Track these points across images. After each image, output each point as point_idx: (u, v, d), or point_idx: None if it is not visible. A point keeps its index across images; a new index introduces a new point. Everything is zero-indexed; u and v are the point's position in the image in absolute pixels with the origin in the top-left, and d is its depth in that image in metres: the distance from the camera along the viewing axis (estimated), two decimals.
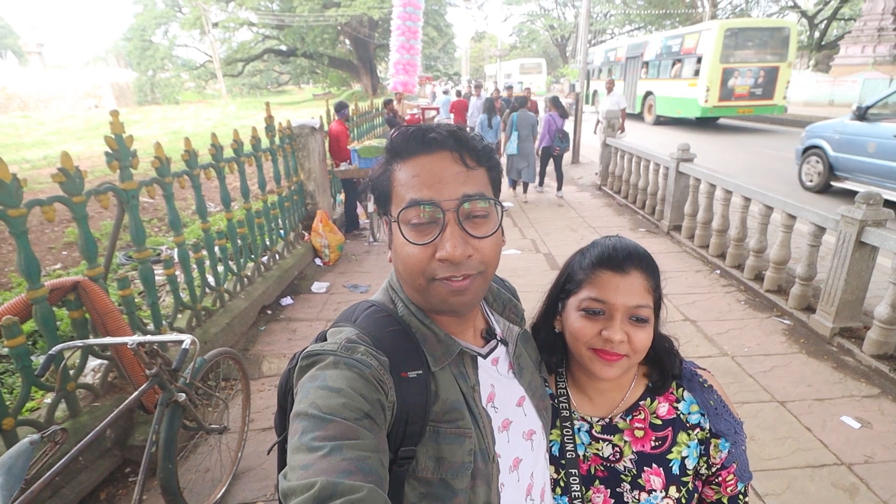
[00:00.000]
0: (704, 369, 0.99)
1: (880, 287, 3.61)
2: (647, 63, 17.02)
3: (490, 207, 0.73)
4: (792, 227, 4.20)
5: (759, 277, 4.58)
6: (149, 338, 1.81)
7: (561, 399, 0.96)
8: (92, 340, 1.94)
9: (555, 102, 8.21)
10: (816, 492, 2.38)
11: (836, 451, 2.63)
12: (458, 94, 16.24)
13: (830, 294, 3.67)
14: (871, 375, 3.26)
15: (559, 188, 8.42)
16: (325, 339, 0.75)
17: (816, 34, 29.74)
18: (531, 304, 1.02)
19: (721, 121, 16.09)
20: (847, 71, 21.46)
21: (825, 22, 29.23)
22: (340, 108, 6.85)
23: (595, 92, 19.80)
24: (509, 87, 13.67)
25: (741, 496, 0.95)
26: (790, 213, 4.14)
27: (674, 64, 15.42)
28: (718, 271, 5.05)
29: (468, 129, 0.77)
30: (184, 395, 1.99)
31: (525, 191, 8.28)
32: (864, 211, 3.38)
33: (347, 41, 35.77)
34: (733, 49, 13.38)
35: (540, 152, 8.24)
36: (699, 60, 13.98)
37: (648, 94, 16.51)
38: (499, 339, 0.87)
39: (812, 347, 3.62)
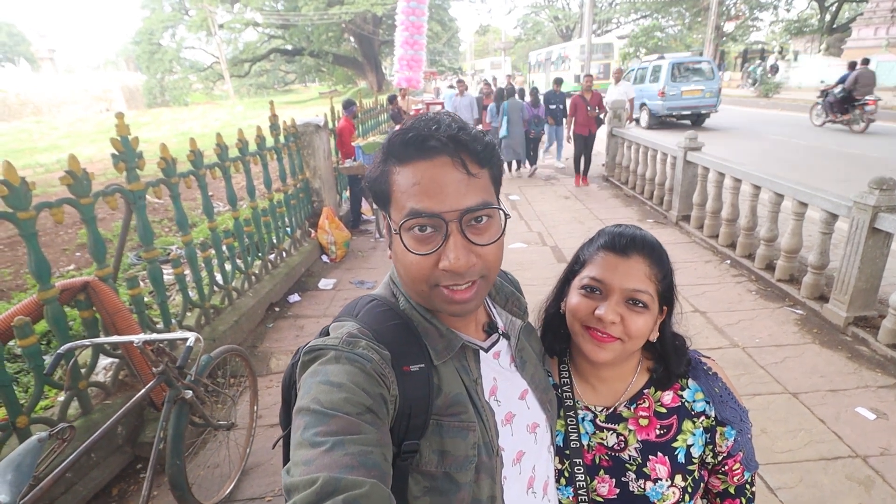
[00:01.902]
0: (708, 357, 0.98)
1: (895, 274, 3.54)
2: (553, 62, 29.21)
3: (494, 212, 0.72)
4: (803, 214, 4.13)
5: (770, 267, 4.52)
6: (154, 336, 1.83)
7: (564, 388, 0.96)
8: (98, 339, 1.96)
9: (532, 93, 9.64)
10: (830, 485, 2.34)
11: (851, 443, 2.58)
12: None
13: (844, 282, 3.60)
14: (887, 365, 3.20)
15: (533, 164, 9.65)
16: (329, 334, 0.75)
17: (827, 17, 29.18)
18: (538, 297, 1.02)
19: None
20: (860, 54, 21.05)
21: (836, 4, 28.67)
22: (348, 105, 6.99)
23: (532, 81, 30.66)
24: (487, 83, 14.09)
25: (748, 485, 0.94)
26: (801, 200, 4.07)
27: (562, 62, 28.25)
28: (728, 261, 4.99)
29: (472, 126, 0.75)
30: (190, 392, 2.01)
31: (518, 168, 9.69)
32: (878, 196, 3.31)
33: (352, 39, 35.77)
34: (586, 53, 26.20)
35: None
36: (570, 60, 26.66)
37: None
38: (501, 332, 0.86)
39: (825, 337, 3.57)
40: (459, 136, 0.69)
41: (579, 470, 0.90)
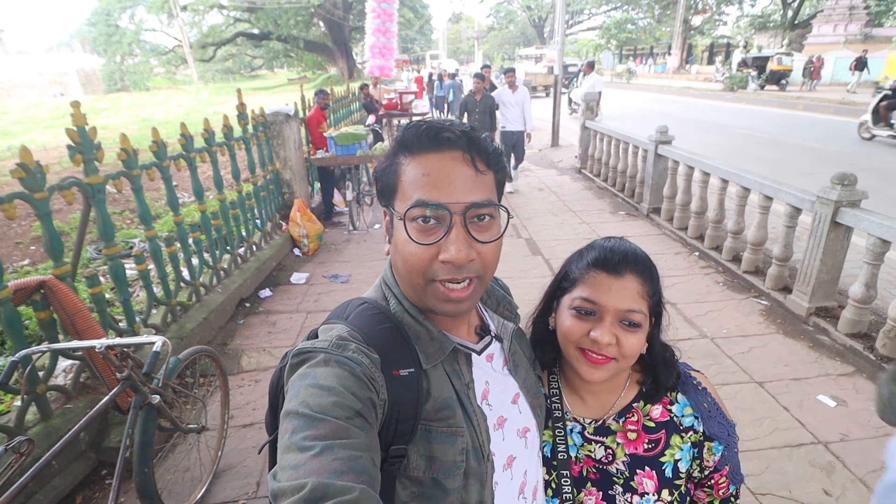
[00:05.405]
0: (698, 371, 0.98)
1: (855, 266, 3.68)
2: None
3: (496, 212, 0.73)
4: (769, 208, 4.25)
5: (736, 259, 4.64)
6: (118, 340, 1.74)
7: (553, 399, 0.95)
8: (57, 345, 1.85)
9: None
10: (794, 471, 2.43)
11: (813, 430, 2.68)
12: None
13: (806, 274, 3.73)
14: (846, 354, 3.34)
15: None
16: (317, 337, 0.74)
17: (790, 14, 30.03)
18: (515, 290, 1.02)
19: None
20: (820, 49, 21.84)
21: (797, 1, 29.52)
22: (319, 93, 6.84)
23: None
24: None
25: (733, 498, 0.94)
26: (767, 194, 4.18)
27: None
28: (697, 253, 5.11)
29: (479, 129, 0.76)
30: (158, 397, 1.93)
31: None
32: (840, 192, 3.42)
33: (322, 24, 34.96)
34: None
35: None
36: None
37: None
38: (493, 335, 0.86)
39: (789, 327, 3.69)
40: (472, 134, 0.72)
41: (566, 482, 0.90)
